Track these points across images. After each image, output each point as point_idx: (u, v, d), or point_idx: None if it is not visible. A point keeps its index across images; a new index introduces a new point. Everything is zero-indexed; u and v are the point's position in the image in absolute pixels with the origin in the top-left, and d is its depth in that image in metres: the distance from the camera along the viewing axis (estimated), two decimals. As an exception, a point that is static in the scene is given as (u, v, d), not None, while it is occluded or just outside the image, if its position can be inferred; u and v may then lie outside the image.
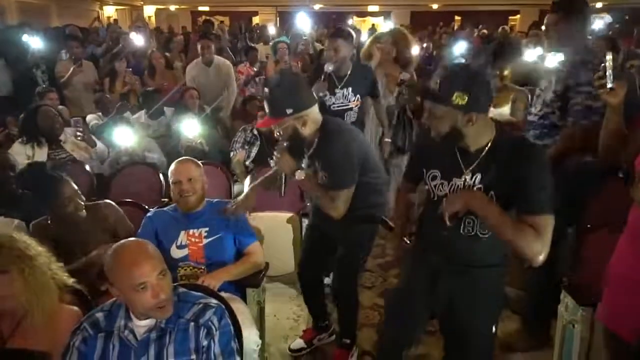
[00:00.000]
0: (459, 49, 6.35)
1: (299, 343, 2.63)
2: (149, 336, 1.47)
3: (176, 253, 2.17)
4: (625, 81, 1.78)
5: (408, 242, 1.98)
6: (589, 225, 2.42)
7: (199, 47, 4.91)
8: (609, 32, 7.84)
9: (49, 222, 2.26)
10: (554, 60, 2.48)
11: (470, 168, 1.61)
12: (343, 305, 2.47)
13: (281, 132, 2.09)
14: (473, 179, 1.61)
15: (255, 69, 5.67)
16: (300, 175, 2.06)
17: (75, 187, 2.32)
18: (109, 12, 16.33)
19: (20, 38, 5.56)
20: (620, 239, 1.80)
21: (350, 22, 14.21)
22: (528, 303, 2.70)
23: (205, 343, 1.48)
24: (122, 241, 1.49)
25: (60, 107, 4.36)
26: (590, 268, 2.33)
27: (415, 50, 3.61)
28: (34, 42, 5.14)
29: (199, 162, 2.32)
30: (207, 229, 2.19)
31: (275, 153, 2.14)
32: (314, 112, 2.09)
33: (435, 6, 16.93)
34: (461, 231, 1.68)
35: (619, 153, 1.87)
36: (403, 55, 3.40)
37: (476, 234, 1.67)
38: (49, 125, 3.38)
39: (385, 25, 13.60)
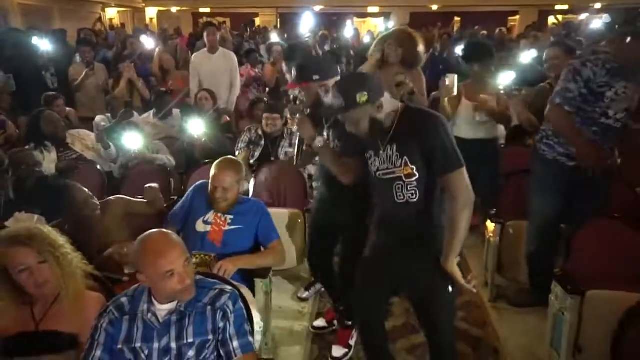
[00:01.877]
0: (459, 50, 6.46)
1: (321, 322, 2.82)
2: (170, 318, 1.60)
3: (200, 227, 2.35)
4: None
5: None
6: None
7: (205, 35, 5.07)
8: (606, 33, 7.95)
9: (66, 226, 2.38)
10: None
11: (387, 141, 1.89)
12: (346, 288, 2.59)
13: (304, 99, 2.26)
14: (392, 149, 1.88)
15: (256, 71, 5.79)
16: (319, 142, 2.18)
17: (86, 189, 2.46)
18: (111, 14, 16.46)
19: (29, 41, 5.71)
20: None
21: (350, 23, 14.34)
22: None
23: (221, 325, 1.61)
24: (149, 232, 1.63)
25: (67, 109, 4.50)
26: (580, 259, 2.48)
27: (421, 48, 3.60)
28: (43, 45, 5.25)
29: (239, 168, 2.46)
30: (232, 217, 2.38)
31: (297, 117, 2.27)
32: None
33: (434, 7, 17.04)
34: (396, 199, 1.90)
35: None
36: (411, 55, 3.36)
37: (407, 200, 1.89)
38: (52, 129, 3.49)
39: (384, 26, 13.74)
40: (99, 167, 3.54)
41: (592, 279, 2.31)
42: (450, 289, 2.02)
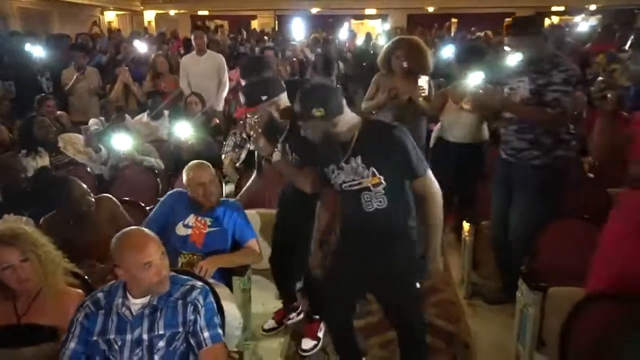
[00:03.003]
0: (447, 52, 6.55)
1: (270, 323, 2.90)
2: (143, 312, 1.71)
3: (181, 231, 2.46)
4: (616, 92, 2.06)
5: None
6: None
7: (192, 38, 5.33)
8: (593, 35, 8.05)
9: (68, 221, 2.52)
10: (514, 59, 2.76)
11: (349, 153, 1.98)
12: (310, 284, 2.72)
13: (258, 119, 2.34)
14: (356, 161, 1.97)
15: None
16: (276, 156, 2.30)
17: (84, 185, 2.59)
18: (110, 17, 16.60)
19: (24, 46, 5.83)
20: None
21: (347, 24, 14.45)
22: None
23: (192, 317, 1.72)
24: (127, 229, 1.76)
25: (59, 112, 4.60)
26: (547, 257, 2.58)
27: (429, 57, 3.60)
28: (37, 51, 5.36)
29: (207, 165, 2.58)
30: (211, 219, 2.49)
31: (253, 136, 2.36)
32: (284, 98, 2.38)
33: (431, 9, 17.14)
34: (364, 209, 1.99)
35: (613, 163, 2.16)
36: (419, 65, 3.42)
37: (375, 208, 1.98)
38: (43, 134, 3.58)
39: (381, 28, 13.85)
40: (89, 169, 3.64)
41: (559, 276, 2.41)
42: (418, 285, 2.15)
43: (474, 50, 3.59)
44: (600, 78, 2.26)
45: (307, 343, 2.73)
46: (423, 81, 3.34)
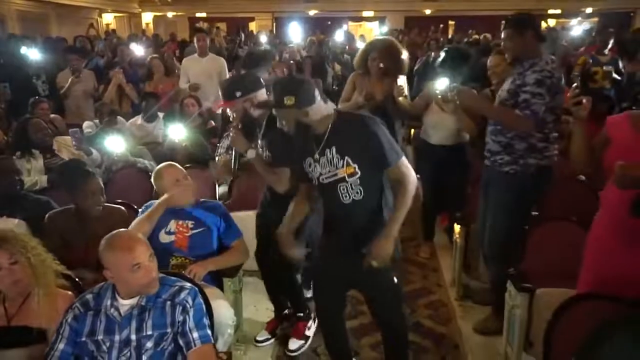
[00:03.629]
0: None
1: (263, 334, 2.88)
2: (131, 313, 1.73)
3: (164, 238, 2.44)
4: (590, 97, 2.05)
5: None
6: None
7: (195, 40, 5.40)
8: (587, 38, 8.10)
9: (71, 212, 2.55)
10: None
11: (323, 145, 2.04)
12: (289, 284, 2.75)
13: (234, 115, 2.39)
14: (331, 152, 2.02)
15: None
16: (251, 153, 2.35)
17: (102, 185, 2.65)
18: (108, 19, 16.64)
19: (20, 49, 5.86)
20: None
21: (344, 27, 14.49)
22: (494, 292, 2.92)
23: (180, 318, 1.74)
24: (116, 231, 1.78)
25: (52, 115, 4.61)
26: (532, 258, 2.61)
27: (405, 56, 3.60)
28: (33, 54, 5.38)
29: (175, 165, 2.59)
30: (193, 222, 2.47)
31: (230, 132, 2.41)
32: (262, 94, 2.44)
33: (428, 11, 17.20)
34: (343, 201, 2.03)
35: (589, 165, 2.11)
36: (394, 66, 3.42)
37: (352, 199, 2.01)
38: (39, 136, 3.57)
39: (379, 30, 13.90)
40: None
41: (547, 278, 2.44)
42: (395, 280, 2.18)
43: (457, 53, 3.62)
44: (575, 84, 2.24)
45: (294, 343, 2.74)
46: (402, 80, 3.37)
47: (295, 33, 9.10)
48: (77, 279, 2.06)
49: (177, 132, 3.86)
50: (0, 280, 1.75)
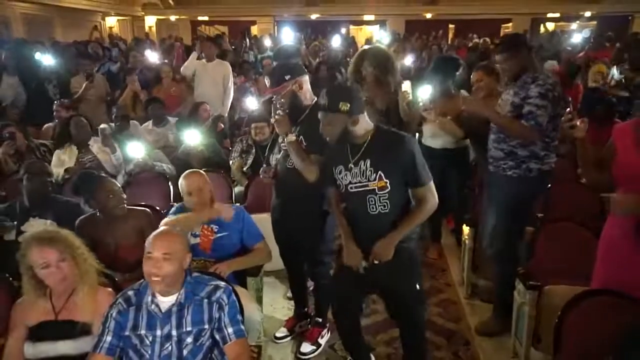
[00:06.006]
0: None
1: (282, 331, 2.98)
2: (171, 309, 1.85)
3: (190, 240, 2.54)
4: (586, 120, 2.22)
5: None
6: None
7: (202, 47, 5.64)
8: (586, 45, 8.25)
9: (100, 217, 2.66)
10: None
11: (359, 156, 2.14)
12: (317, 287, 2.84)
13: (282, 100, 2.48)
14: (365, 164, 2.12)
15: (247, 85, 6.15)
16: (291, 137, 2.43)
17: (118, 185, 2.76)
18: (111, 22, 16.75)
19: (32, 53, 5.98)
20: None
21: (342, 31, 14.60)
22: (495, 293, 3.07)
23: (217, 315, 1.86)
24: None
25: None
26: (539, 257, 2.74)
27: (408, 60, 3.59)
28: (46, 59, 5.52)
29: (201, 173, 2.67)
30: (217, 226, 2.59)
31: (278, 112, 2.44)
32: (306, 79, 2.59)
33: (428, 15, 17.35)
34: (369, 211, 2.13)
35: (599, 180, 2.25)
36: (384, 75, 3.29)
37: (379, 212, 2.12)
38: (80, 132, 3.94)
39: (379, 34, 14.02)
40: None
41: (552, 276, 2.57)
42: (418, 286, 2.28)
43: (448, 60, 3.70)
44: (568, 109, 2.38)
45: (306, 347, 2.83)
46: (406, 86, 3.39)
47: (288, 38, 9.25)
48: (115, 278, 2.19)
49: (193, 137, 3.99)
50: (49, 276, 1.87)
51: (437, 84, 3.28)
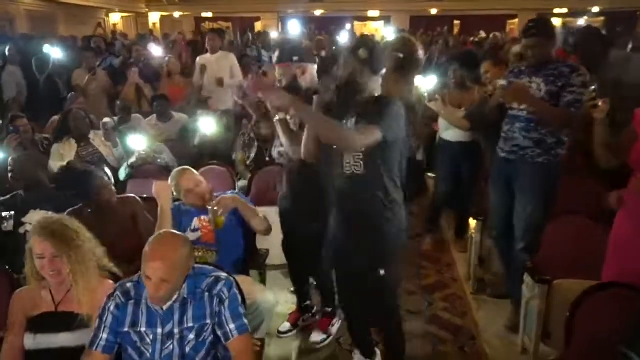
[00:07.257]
0: None
1: (285, 326, 2.95)
2: (173, 305, 1.78)
3: (191, 236, 2.52)
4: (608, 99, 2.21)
5: None
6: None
7: (207, 39, 5.63)
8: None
9: (89, 210, 2.63)
10: None
11: (351, 115, 2.08)
12: (322, 277, 2.79)
13: (282, 80, 2.50)
14: (352, 122, 2.06)
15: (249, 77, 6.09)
16: (280, 115, 2.32)
17: (106, 177, 2.73)
18: (115, 19, 16.74)
19: (39, 48, 5.97)
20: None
21: (348, 26, 14.53)
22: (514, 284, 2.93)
23: (217, 309, 1.79)
24: (162, 231, 1.86)
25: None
26: (546, 252, 2.68)
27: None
28: (55, 53, 5.51)
29: (191, 170, 2.70)
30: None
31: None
32: (313, 69, 2.58)
33: (434, 11, 17.24)
34: (344, 171, 2.07)
35: (611, 160, 2.27)
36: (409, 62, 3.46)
37: (352, 172, 2.05)
38: (78, 125, 3.92)
39: (384, 31, 13.96)
40: (107, 169, 3.75)
41: (562, 270, 2.51)
42: (382, 272, 2.12)
43: (468, 54, 3.67)
44: (592, 87, 2.36)
45: (316, 336, 2.81)
46: (418, 80, 3.38)
47: (294, 31, 9.23)
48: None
49: (208, 126, 4.00)
50: (42, 267, 1.84)
51: (452, 75, 3.24)
